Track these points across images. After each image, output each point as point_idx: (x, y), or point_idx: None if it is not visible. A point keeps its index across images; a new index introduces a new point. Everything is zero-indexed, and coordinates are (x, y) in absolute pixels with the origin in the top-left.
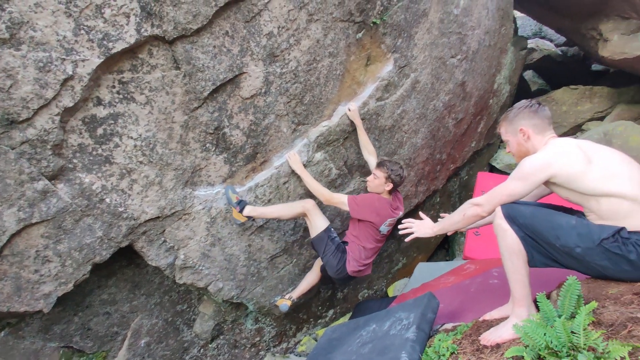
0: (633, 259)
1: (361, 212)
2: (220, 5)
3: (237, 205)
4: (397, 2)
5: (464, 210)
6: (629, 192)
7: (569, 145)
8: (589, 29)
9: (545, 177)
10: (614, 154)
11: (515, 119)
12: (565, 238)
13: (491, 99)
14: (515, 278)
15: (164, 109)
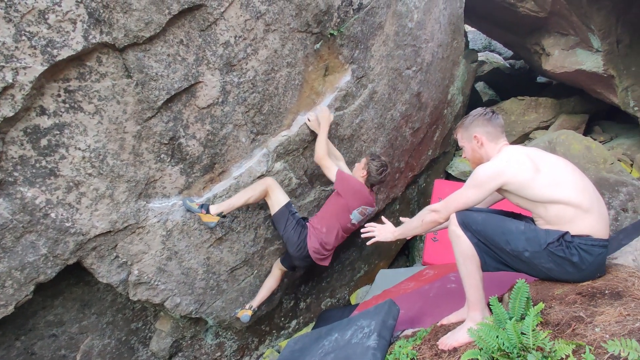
0: (575, 261)
1: (343, 186)
2: (174, 13)
3: (201, 209)
4: (354, 15)
5: (423, 216)
6: (573, 199)
7: (520, 154)
8: (533, 44)
9: (498, 185)
10: (559, 162)
11: (470, 126)
12: (514, 243)
13: (445, 109)
14: (469, 282)
15: (115, 118)
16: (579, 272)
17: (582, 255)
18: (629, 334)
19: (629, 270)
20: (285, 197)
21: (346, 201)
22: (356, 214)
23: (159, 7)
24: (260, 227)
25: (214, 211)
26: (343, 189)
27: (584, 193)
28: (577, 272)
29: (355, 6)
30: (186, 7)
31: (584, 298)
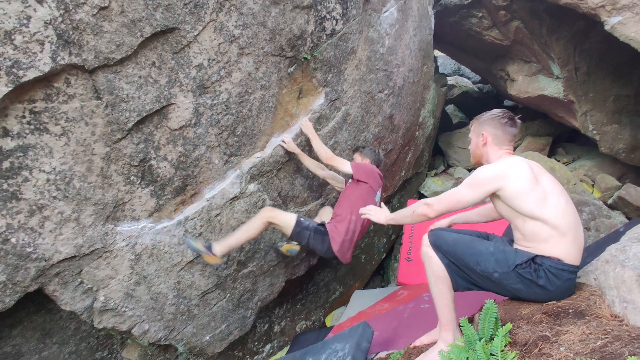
0: (542, 284)
1: (364, 172)
2: (146, 36)
3: (206, 251)
4: (327, 40)
5: (415, 207)
6: (552, 219)
7: (522, 164)
8: (499, 70)
9: (495, 188)
10: (554, 183)
11: (484, 123)
12: (484, 264)
13: (417, 131)
14: (441, 303)
15: (83, 140)
16: (547, 293)
17: (550, 279)
18: (591, 353)
19: (590, 289)
20: (292, 217)
21: (370, 184)
22: (378, 194)
23: (131, 29)
24: (233, 249)
25: (219, 252)
26: (365, 175)
27: (565, 216)
28: (544, 294)
29: (328, 32)
30: (159, 30)
31: (549, 317)
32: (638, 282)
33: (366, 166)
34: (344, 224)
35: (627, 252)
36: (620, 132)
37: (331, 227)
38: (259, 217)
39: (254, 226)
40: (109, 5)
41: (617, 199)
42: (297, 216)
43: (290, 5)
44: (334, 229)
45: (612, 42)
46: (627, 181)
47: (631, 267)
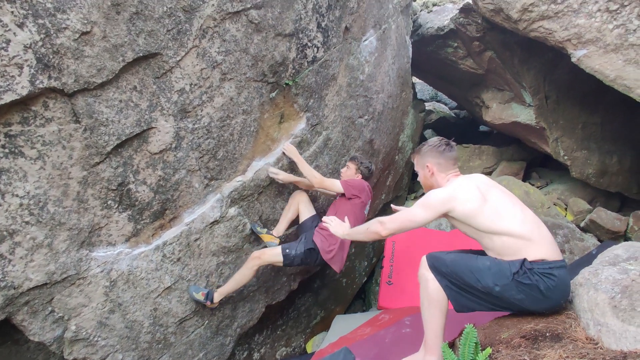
0: (542, 288)
1: (353, 190)
2: (128, 61)
3: (206, 300)
4: (308, 67)
5: (370, 224)
6: (514, 230)
7: (469, 185)
8: (474, 97)
9: (445, 210)
10: (504, 195)
11: (424, 155)
12: (484, 280)
13: (397, 155)
14: (430, 327)
15: (59, 164)
16: (547, 299)
17: (546, 281)
18: None
19: (566, 312)
20: (279, 253)
21: (362, 200)
22: (367, 207)
23: (112, 54)
24: (212, 274)
25: (217, 299)
26: (357, 191)
27: (524, 224)
28: (545, 299)
29: (309, 59)
30: (141, 55)
31: (527, 341)
32: (611, 305)
33: (355, 182)
34: (335, 238)
35: (600, 275)
36: (590, 157)
37: (321, 243)
38: (249, 265)
39: (245, 275)
40: (90, 30)
41: (589, 222)
42: (281, 250)
43: (272, 33)
44: (324, 243)
45: (579, 73)
46: (598, 204)
47: (604, 290)
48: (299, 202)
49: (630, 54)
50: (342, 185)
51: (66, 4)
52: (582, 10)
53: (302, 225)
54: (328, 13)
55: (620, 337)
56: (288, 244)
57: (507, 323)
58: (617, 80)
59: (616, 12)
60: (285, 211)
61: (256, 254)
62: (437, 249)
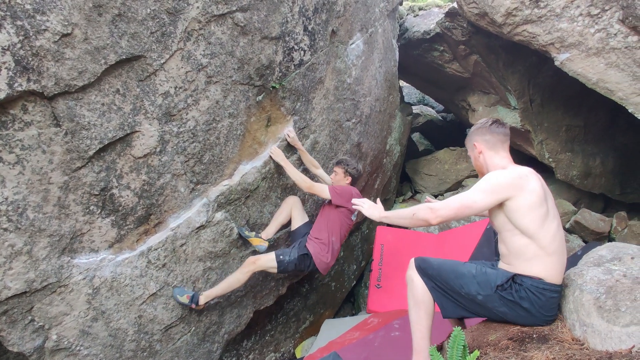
0: (526, 307)
1: (341, 199)
2: (110, 63)
3: (191, 303)
4: (295, 70)
5: (417, 210)
6: (543, 239)
7: (536, 179)
8: (460, 100)
9: (508, 196)
10: (554, 205)
11: (471, 135)
12: (468, 287)
13: (385, 158)
14: (417, 329)
15: (39, 169)
16: (531, 316)
17: (532, 299)
18: None
19: None
20: (273, 259)
21: (348, 208)
22: (355, 213)
23: (94, 57)
24: (198, 280)
25: (202, 302)
26: (345, 200)
27: (555, 239)
28: (529, 316)
29: (296, 62)
30: (124, 57)
31: (515, 343)
32: (596, 306)
33: (344, 190)
34: (326, 247)
35: (585, 276)
36: (574, 160)
37: (314, 249)
38: (244, 271)
39: (238, 279)
40: (71, 32)
41: (573, 223)
42: (275, 257)
43: (258, 36)
44: (318, 251)
45: (562, 76)
46: (582, 206)
47: (589, 291)
48: (292, 207)
49: (611, 57)
50: (330, 193)
51: (46, 5)
52: (565, 15)
53: (296, 232)
54: (315, 16)
55: (605, 338)
56: (281, 250)
57: (495, 325)
58: (599, 83)
59: (597, 16)
60: (277, 214)
61: (251, 259)
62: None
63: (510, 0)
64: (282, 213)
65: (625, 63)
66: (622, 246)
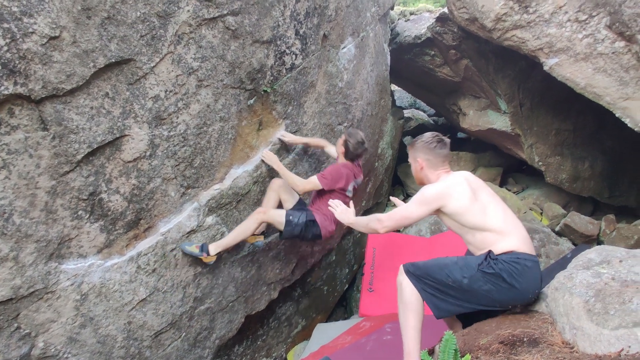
0: (505, 277)
1: (332, 183)
2: (99, 67)
3: (202, 253)
4: (287, 74)
5: (370, 220)
6: (496, 226)
7: (462, 183)
8: (451, 104)
9: (438, 206)
10: (490, 195)
11: (416, 150)
12: (453, 274)
13: (377, 162)
14: (407, 333)
15: (26, 173)
16: (514, 289)
17: (509, 269)
18: None
19: (543, 317)
20: (282, 216)
21: (340, 187)
22: (350, 189)
23: (83, 60)
24: (189, 285)
25: (214, 251)
26: (334, 184)
27: (506, 220)
28: (512, 290)
29: (287, 66)
30: (113, 61)
31: (505, 347)
32: (585, 309)
33: (332, 174)
34: (329, 219)
35: (574, 279)
36: (563, 163)
37: (320, 218)
38: (253, 219)
39: (248, 227)
40: (59, 35)
41: (563, 226)
42: (285, 214)
43: (249, 39)
44: (322, 220)
45: (551, 81)
46: (571, 209)
47: (578, 294)
48: (279, 191)
49: (599, 62)
50: (320, 182)
51: (33, 8)
52: (553, 20)
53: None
54: (306, 20)
55: (595, 341)
56: (292, 211)
57: (486, 329)
58: (587, 88)
59: (585, 22)
60: (265, 202)
61: (261, 209)
62: (417, 254)
63: (500, 6)
64: (269, 200)
65: (612, 68)
66: (610, 249)
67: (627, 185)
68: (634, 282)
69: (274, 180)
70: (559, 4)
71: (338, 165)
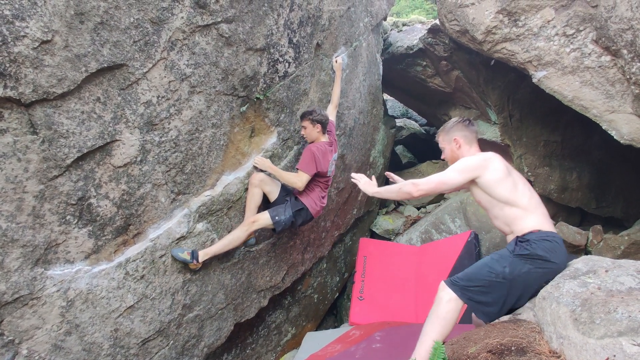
0: (542, 254)
1: (311, 169)
2: (91, 71)
3: (192, 260)
4: (279, 81)
5: (403, 185)
6: (521, 202)
7: (498, 158)
8: (442, 114)
9: (476, 175)
10: (520, 176)
11: (450, 130)
12: (494, 268)
13: (368, 170)
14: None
15: (14, 177)
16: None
17: (542, 246)
18: None
19: (531, 326)
20: (267, 217)
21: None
22: (330, 168)
23: (75, 64)
24: (178, 292)
25: (202, 259)
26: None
27: (531, 199)
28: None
29: (280, 73)
30: (106, 66)
31: (494, 356)
32: (572, 318)
33: (308, 159)
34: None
35: (561, 288)
36: (551, 174)
37: (307, 200)
38: (244, 229)
39: (238, 237)
40: (51, 39)
41: None
42: (270, 217)
43: (243, 47)
44: (310, 202)
45: (540, 93)
46: (560, 219)
47: (565, 303)
48: (260, 185)
49: (585, 76)
50: (306, 173)
51: (25, 11)
52: (542, 34)
53: (277, 200)
54: (299, 29)
55: (581, 350)
56: (275, 210)
57: (475, 338)
58: (574, 100)
59: (572, 36)
60: (248, 201)
61: (250, 219)
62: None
63: (490, 19)
64: (253, 197)
65: (599, 82)
66: (597, 259)
67: (614, 197)
68: (619, 291)
69: (253, 175)
70: (547, 18)
71: (311, 149)
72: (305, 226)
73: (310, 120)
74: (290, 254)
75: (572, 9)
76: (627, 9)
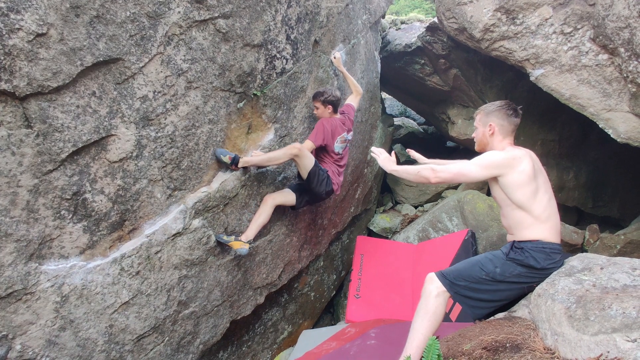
0: (532, 264)
1: (318, 139)
2: (87, 65)
3: (232, 164)
4: (277, 78)
5: (422, 168)
6: (536, 211)
7: (528, 159)
8: (440, 113)
9: (498, 173)
10: (545, 180)
11: (490, 114)
12: (486, 266)
13: (366, 168)
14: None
15: (8, 171)
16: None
17: (535, 256)
18: None
19: (526, 323)
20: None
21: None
22: (337, 146)
23: (70, 58)
24: (173, 288)
25: (242, 164)
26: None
27: (547, 209)
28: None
29: (278, 70)
30: (101, 60)
31: (488, 352)
32: (566, 315)
33: (317, 130)
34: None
35: (556, 285)
36: (549, 173)
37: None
38: (287, 151)
39: (266, 213)
40: (47, 32)
41: None
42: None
43: (240, 43)
44: (331, 173)
45: (537, 91)
46: None
47: (560, 300)
48: (273, 206)
49: (583, 74)
50: (312, 143)
51: (21, 4)
52: (539, 32)
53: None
54: (297, 26)
55: (575, 347)
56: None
57: (470, 335)
58: (571, 99)
59: (570, 34)
60: (256, 216)
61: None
62: (404, 261)
63: (488, 17)
64: (261, 214)
65: (596, 80)
66: (592, 257)
67: (610, 196)
68: (614, 288)
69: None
70: (545, 16)
71: (321, 122)
72: (303, 223)
73: (321, 102)
74: (287, 251)
75: (570, 7)
76: (625, 7)
